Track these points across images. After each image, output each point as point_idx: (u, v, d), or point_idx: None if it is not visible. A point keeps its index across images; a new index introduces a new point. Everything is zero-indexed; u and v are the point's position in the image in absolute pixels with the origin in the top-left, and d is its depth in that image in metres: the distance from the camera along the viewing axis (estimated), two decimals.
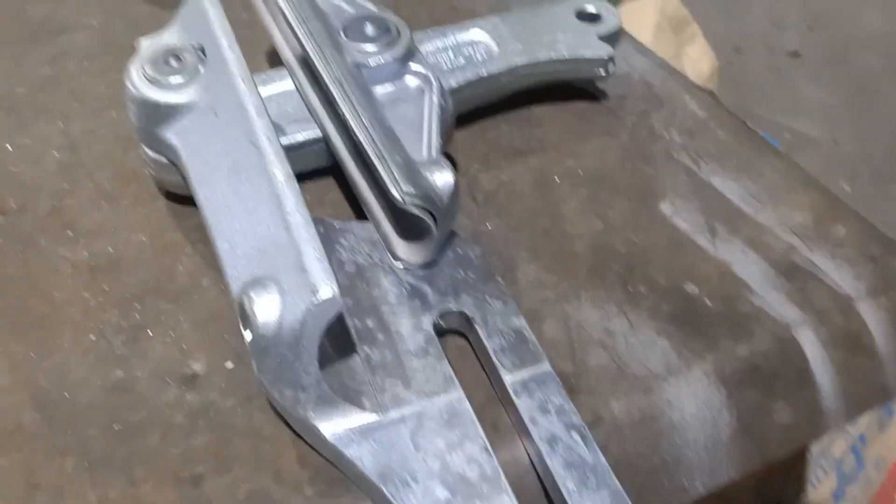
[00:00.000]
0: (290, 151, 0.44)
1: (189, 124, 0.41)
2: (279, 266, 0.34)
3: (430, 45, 0.51)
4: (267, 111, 0.39)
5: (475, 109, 0.52)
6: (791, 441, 0.43)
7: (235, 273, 0.35)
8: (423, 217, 0.37)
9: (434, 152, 0.42)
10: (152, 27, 0.59)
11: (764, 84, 2.03)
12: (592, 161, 0.51)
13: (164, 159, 0.43)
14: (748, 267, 0.45)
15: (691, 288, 0.44)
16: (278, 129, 0.44)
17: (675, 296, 0.43)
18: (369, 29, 0.46)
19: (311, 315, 0.32)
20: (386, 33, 0.46)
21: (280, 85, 0.48)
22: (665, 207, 0.48)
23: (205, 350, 0.39)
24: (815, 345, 0.43)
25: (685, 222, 0.47)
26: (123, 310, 0.41)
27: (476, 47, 0.52)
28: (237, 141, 0.39)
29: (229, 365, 0.39)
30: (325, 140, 0.45)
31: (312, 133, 0.46)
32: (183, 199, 0.45)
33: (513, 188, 0.49)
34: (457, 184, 0.39)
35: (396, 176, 0.37)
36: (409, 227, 0.39)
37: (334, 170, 0.47)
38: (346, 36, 0.46)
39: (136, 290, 0.42)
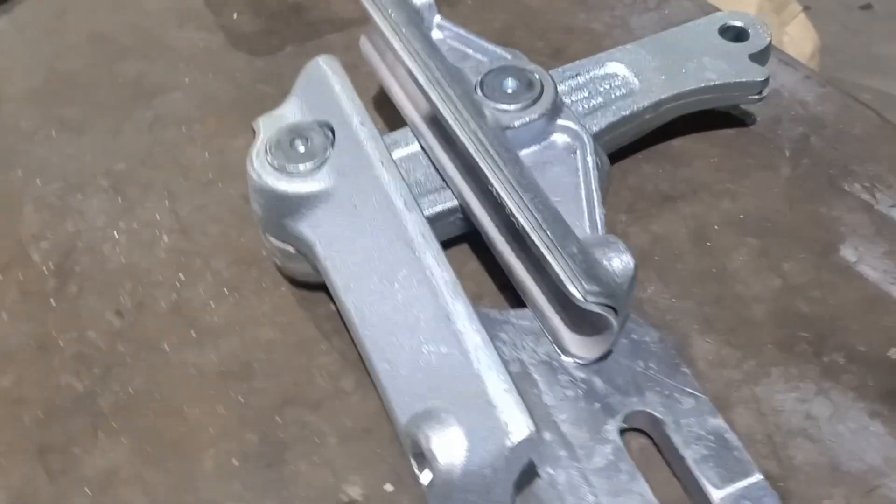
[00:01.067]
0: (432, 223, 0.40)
1: (323, 216, 0.37)
2: (457, 395, 0.30)
3: (563, 86, 0.46)
4: (417, 203, 0.35)
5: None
6: None
7: (402, 400, 0.31)
8: (606, 314, 0.33)
9: (600, 225, 0.37)
10: (248, 78, 0.56)
11: (839, 42, 1.91)
12: (754, 202, 0.45)
13: (291, 249, 0.39)
14: None
15: None
16: None
17: (880, 366, 0.38)
18: (509, 84, 0.41)
19: (505, 459, 0.28)
20: (528, 88, 0.41)
21: (405, 149, 0.43)
22: (848, 254, 0.42)
23: (359, 471, 0.35)
24: None
25: (874, 270, 0.41)
26: (264, 425, 0.37)
27: (613, 82, 0.46)
28: (385, 239, 0.34)
29: (389, 488, 0.35)
30: (464, 209, 0.41)
31: (448, 203, 0.41)
32: (309, 284, 0.42)
33: (669, 243, 0.43)
34: (636, 266, 0.34)
35: (574, 271, 0.32)
36: (582, 320, 0.35)
37: (474, 235, 0.42)
38: (482, 92, 0.41)
39: (274, 399, 0.38)
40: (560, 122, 0.41)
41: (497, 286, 0.42)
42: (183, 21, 0.62)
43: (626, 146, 0.47)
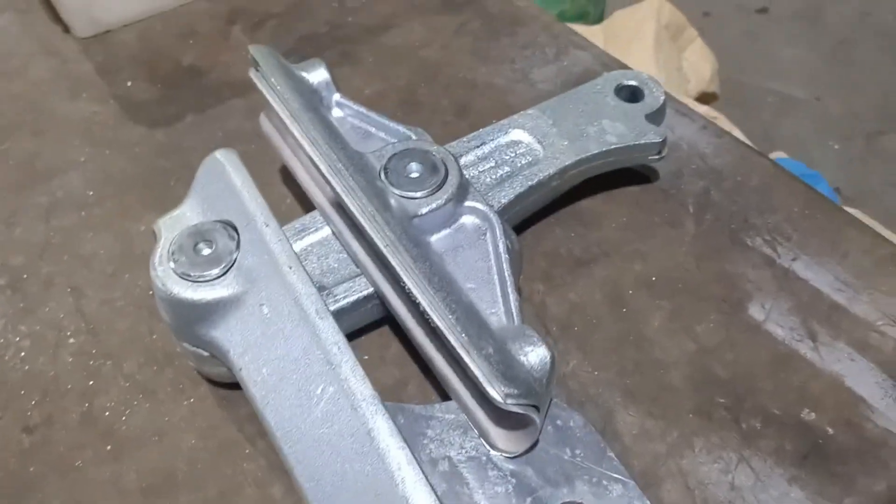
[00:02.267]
0: (341, 315, 0.40)
1: (235, 323, 0.36)
2: None
3: (469, 157, 0.46)
4: (328, 310, 0.34)
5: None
6: None
7: None
8: (527, 413, 0.33)
9: (515, 314, 0.37)
10: (148, 153, 0.54)
11: (739, 46, 1.99)
12: (663, 262, 0.46)
13: (205, 353, 0.38)
14: (861, 377, 0.41)
15: (809, 415, 0.39)
16: (322, 290, 0.40)
17: (795, 429, 0.39)
18: (413, 168, 0.41)
19: None
20: (433, 172, 0.40)
21: (316, 234, 0.43)
22: (755, 312, 0.44)
23: None
24: None
25: (781, 328, 0.43)
26: None
27: (518, 150, 0.47)
28: (299, 348, 0.34)
29: None
30: (379, 296, 0.40)
31: (364, 291, 0.40)
32: (228, 383, 0.40)
33: (586, 311, 0.44)
34: (553, 357, 0.35)
35: (492, 373, 0.32)
36: (506, 416, 0.35)
37: (390, 316, 0.42)
38: (387, 178, 0.40)
39: None
40: (468, 203, 0.41)
41: (421, 370, 0.42)
42: (74, 91, 0.59)
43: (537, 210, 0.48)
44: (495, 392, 0.32)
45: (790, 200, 0.49)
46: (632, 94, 0.50)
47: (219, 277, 0.36)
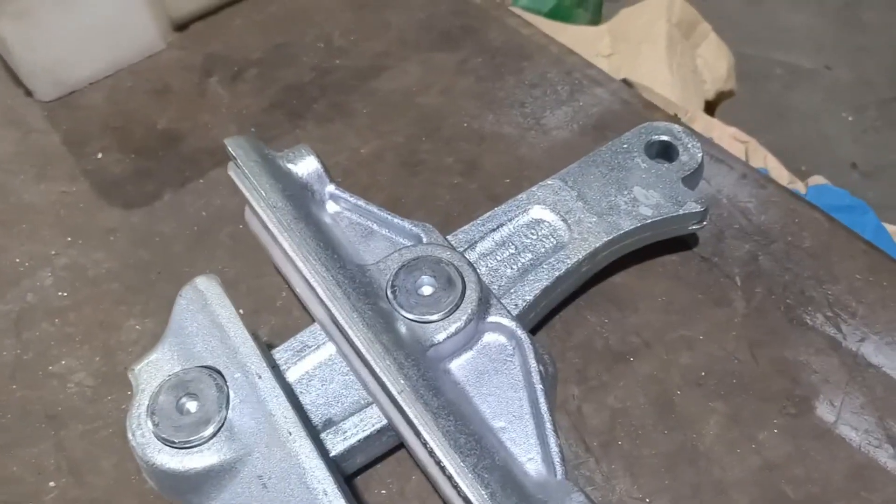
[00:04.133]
0: (353, 453, 0.35)
1: (229, 494, 0.31)
2: None
3: (485, 244, 0.41)
4: (341, 485, 0.29)
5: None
6: None
7: None
8: None
9: (556, 464, 0.31)
10: (125, 243, 0.48)
11: (744, 18, 1.91)
12: (713, 352, 0.41)
13: None
14: None
15: None
16: (329, 425, 0.35)
17: None
18: (424, 282, 0.35)
19: None
20: (449, 287, 0.35)
21: (317, 354, 0.37)
22: (824, 412, 0.38)
23: None
24: None
25: (855, 431, 0.38)
26: None
27: (540, 231, 0.41)
28: None
29: None
30: (395, 431, 0.35)
31: (376, 424, 0.35)
32: None
33: (630, 420, 0.39)
34: None
35: None
36: None
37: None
38: (395, 299, 0.35)
39: None
40: (490, 319, 0.35)
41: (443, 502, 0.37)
42: (41, 169, 0.54)
43: None
44: None
45: (851, 265, 0.43)
46: (664, 151, 0.44)
47: (207, 441, 0.31)
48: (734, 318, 0.42)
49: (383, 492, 0.37)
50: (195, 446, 0.31)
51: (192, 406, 0.32)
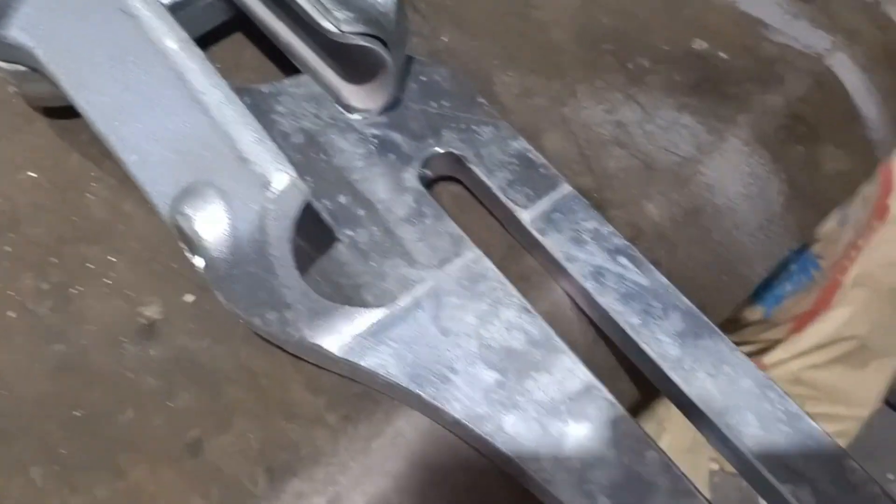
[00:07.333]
0: (178, 11, 0.35)
1: (33, 11, 0.31)
2: (210, 164, 0.26)
3: None
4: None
5: None
6: (846, 188, 0.38)
7: (157, 189, 0.27)
8: (371, 46, 0.29)
9: None
10: None
11: None
12: None
13: (21, 68, 0.34)
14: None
15: (700, 45, 0.36)
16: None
17: (685, 60, 0.36)
18: None
19: (271, 215, 0.25)
20: None
21: None
22: None
23: (154, 290, 0.32)
24: (853, 70, 0.36)
25: None
26: (40, 269, 0.33)
27: None
28: (103, 14, 0.29)
29: (189, 298, 0.31)
30: None
31: None
32: (65, 111, 0.36)
33: None
34: None
35: (325, 5, 0.28)
36: (355, 66, 0.31)
37: (242, 22, 0.37)
38: None
39: (48, 240, 0.34)
40: None
41: (281, 70, 0.38)
42: None
43: None
44: (329, 22, 0.28)
45: None
46: None
47: None
48: None
49: (218, 66, 0.38)
50: None
51: None
